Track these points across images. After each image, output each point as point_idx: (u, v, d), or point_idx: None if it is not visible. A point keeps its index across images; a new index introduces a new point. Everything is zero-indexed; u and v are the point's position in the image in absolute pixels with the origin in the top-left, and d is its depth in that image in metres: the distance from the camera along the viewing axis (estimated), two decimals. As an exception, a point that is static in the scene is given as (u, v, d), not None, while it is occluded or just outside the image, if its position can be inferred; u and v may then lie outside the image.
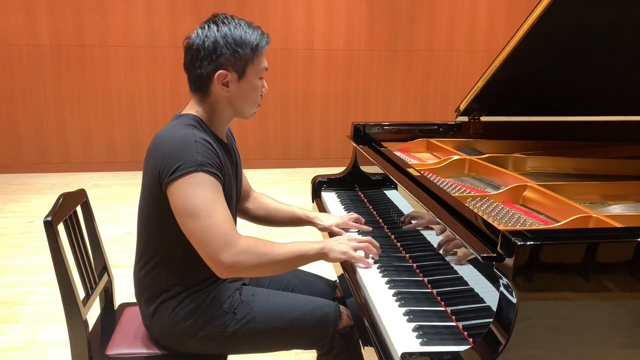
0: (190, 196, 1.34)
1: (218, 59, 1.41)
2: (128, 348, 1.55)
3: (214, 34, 1.41)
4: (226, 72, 1.43)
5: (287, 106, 5.97)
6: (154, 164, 1.41)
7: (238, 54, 1.42)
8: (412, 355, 1.10)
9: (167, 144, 1.39)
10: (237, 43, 1.41)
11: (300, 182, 5.46)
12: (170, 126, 1.46)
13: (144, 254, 1.52)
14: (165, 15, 5.51)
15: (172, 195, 1.36)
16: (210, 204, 1.34)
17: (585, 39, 1.95)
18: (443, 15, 6.01)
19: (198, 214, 1.33)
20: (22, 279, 3.21)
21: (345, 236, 1.59)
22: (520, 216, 1.53)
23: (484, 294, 1.19)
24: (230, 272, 1.37)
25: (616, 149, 2.30)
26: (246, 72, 1.45)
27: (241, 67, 1.44)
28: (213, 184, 1.37)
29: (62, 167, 5.66)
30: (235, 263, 1.34)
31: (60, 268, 1.46)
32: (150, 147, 1.45)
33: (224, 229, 1.34)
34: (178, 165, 1.35)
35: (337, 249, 1.49)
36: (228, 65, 1.42)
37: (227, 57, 1.42)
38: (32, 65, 5.42)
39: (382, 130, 2.40)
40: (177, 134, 1.40)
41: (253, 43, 1.43)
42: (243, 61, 1.43)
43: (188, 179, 1.34)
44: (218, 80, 1.43)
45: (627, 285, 1.05)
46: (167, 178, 1.35)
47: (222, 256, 1.33)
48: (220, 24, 1.43)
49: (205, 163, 1.36)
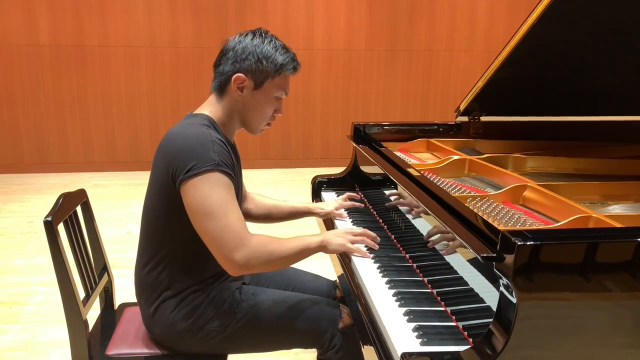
0: (206, 195, 1.35)
1: (242, 63, 1.46)
2: (128, 348, 1.55)
3: (247, 41, 1.47)
4: (244, 77, 1.46)
5: (287, 106, 5.96)
6: (167, 160, 1.41)
7: (261, 65, 1.46)
8: (412, 355, 1.10)
9: (182, 141, 1.40)
10: (263, 55, 1.46)
11: (300, 182, 5.46)
12: (184, 124, 1.47)
13: (147, 251, 1.52)
14: (165, 15, 5.51)
15: (188, 193, 1.36)
16: (226, 204, 1.36)
17: (585, 38, 1.95)
18: (443, 15, 6.01)
19: (214, 212, 1.34)
20: (22, 279, 3.21)
21: (342, 229, 1.64)
22: (520, 216, 1.53)
23: (484, 294, 1.19)
24: (242, 270, 1.39)
25: (616, 149, 2.30)
26: (264, 85, 1.49)
27: (260, 78, 1.48)
28: (228, 184, 1.38)
29: (62, 167, 5.66)
30: (247, 262, 1.36)
31: (60, 268, 1.46)
32: (163, 143, 1.46)
33: (238, 228, 1.36)
34: (194, 164, 1.35)
35: (335, 241, 1.55)
36: (248, 72, 1.46)
37: (250, 64, 1.46)
38: (32, 65, 5.42)
39: (382, 130, 2.40)
40: (192, 132, 1.41)
41: (279, 62, 1.47)
42: (264, 74, 1.47)
43: (205, 178, 1.35)
44: (234, 82, 1.46)
45: (627, 285, 1.05)
46: (183, 175, 1.36)
47: (235, 255, 1.34)
48: (258, 36, 1.48)
49: (221, 163, 1.38)
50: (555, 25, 1.83)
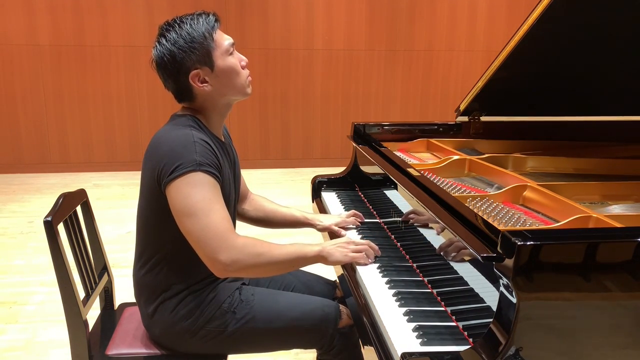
0: (188, 195, 1.34)
1: (183, 64, 1.41)
2: (128, 348, 1.55)
3: (166, 46, 1.41)
4: (197, 71, 1.42)
5: (287, 106, 5.97)
6: (152, 164, 1.41)
7: (194, 49, 1.40)
8: (412, 355, 1.10)
9: (166, 144, 1.39)
10: (188, 41, 1.40)
11: (300, 182, 5.46)
12: (168, 127, 1.47)
13: (143, 254, 1.52)
14: (166, 15, 5.45)
15: (171, 194, 1.36)
16: (208, 204, 1.34)
17: (585, 38, 1.95)
18: (443, 15, 6.01)
19: (196, 213, 1.33)
20: (22, 279, 3.21)
21: (344, 239, 1.59)
22: (520, 216, 1.53)
23: (484, 294, 1.19)
24: (228, 271, 1.37)
25: (616, 149, 2.30)
26: (213, 59, 1.43)
27: (206, 58, 1.42)
28: (211, 184, 1.37)
29: (62, 167, 5.66)
30: (232, 262, 1.34)
31: (60, 268, 1.46)
32: (149, 147, 1.45)
33: (222, 228, 1.34)
34: (177, 165, 1.35)
35: (336, 253, 1.50)
36: (195, 63, 1.42)
37: (189, 58, 1.41)
38: (32, 65, 5.42)
39: (382, 130, 2.40)
40: (175, 135, 1.41)
41: (202, 31, 1.42)
42: (204, 52, 1.42)
43: (186, 179, 1.34)
44: (195, 82, 1.43)
45: (627, 285, 1.05)
46: (166, 178, 1.36)
47: (219, 255, 1.33)
48: (167, 33, 1.42)
49: (203, 163, 1.36)
50: (555, 25, 1.83)
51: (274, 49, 5.78)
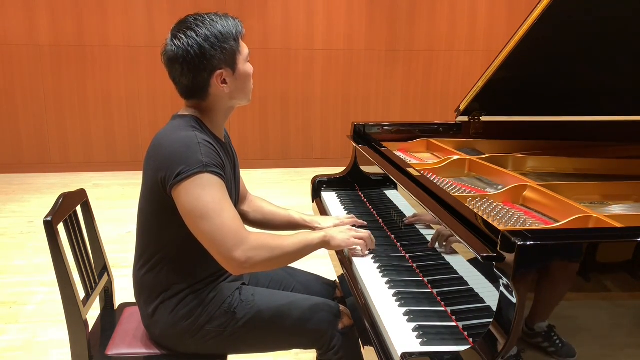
0: (198, 197, 1.34)
1: (210, 61, 1.41)
2: (128, 348, 1.55)
3: (195, 40, 1.39)
4: (222, 70, 1.44)
5: (287, 106, 5.97)
6: (156, 165, 1.41)
7: (225, 49, 1.43)
8: (412, 355, 1.10)
9: (169, 145, 1.39)
10: (220, 40, 1.41)
11: (300, 182, 5.46)
12: (170, 127, 1.46)
13: (143, 254, 1.52)
14: (165, 15, 5.51)
15: (180, 197, 1.36)
16: (219, 204, 1.35)
17: (585, 38, 1.95)
18: (443, 15, 6.01)
19: (208, 214, 1.34)
20: (22, 279, 3.21)
21: (346, 226, 1.66)
22: (520, 216, 1.53)
23: (484, 294, 1.19)
24: (244, 268, 1.38)
25: (616, 149, 2.30)
26: (237, 62, 1.46)
27: (232, 60, 1.45)
28: (219, 184, 1.38)
29: (62, 167, 5.66)
30: (248, 259, 1.35)
31: (60, 268, 1.46)
32: (151, 148, 1.45)
33: (235, 227, 1.35)
34: (183, 168, 1.35)
35: (339, 237, 1.55)
36: (221, 63, 1.43)
37: (218, 57, 1.42)
38: (32, 65, 5.42)
39: (382, 130, 2.40)
40: (178, 136, 1.40)
41: (233, 33, 1.44)
42: (231, 54, 1.44)
43: (194, 181, 1.35)
44: (217, 81, 1.44)
45: (627, 285, 1.05)
46: (172, 180, 1.35)
47: (235, 253, 1.34)
48: (196, 27, 1.41)
49: (209, 164, 1.37)
50: (556, 25, 1.83)
51: (274, 49, 5.78)
